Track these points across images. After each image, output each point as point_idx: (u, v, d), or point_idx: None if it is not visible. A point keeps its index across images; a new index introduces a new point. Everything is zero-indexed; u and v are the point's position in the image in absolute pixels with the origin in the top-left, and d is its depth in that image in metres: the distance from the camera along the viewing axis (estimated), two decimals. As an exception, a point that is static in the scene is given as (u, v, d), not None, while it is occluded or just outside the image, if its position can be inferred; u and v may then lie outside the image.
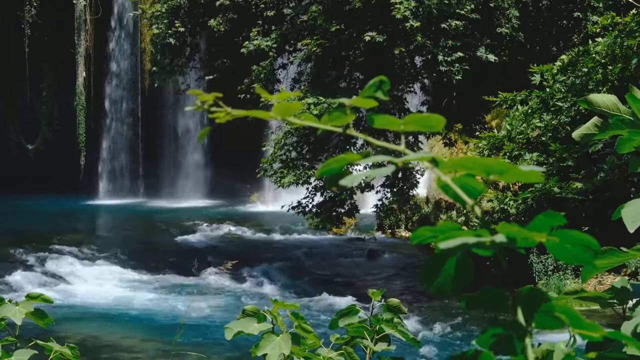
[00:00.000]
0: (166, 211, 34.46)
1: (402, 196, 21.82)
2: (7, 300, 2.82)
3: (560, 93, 17.36)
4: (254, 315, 2.62)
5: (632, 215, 1.61)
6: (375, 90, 1.10)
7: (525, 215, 17.07)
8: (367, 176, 1.07)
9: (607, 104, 1.83)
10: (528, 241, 0.99)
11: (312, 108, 19.24)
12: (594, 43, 17.20)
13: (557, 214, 1.00)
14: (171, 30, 23.03)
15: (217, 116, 1.12)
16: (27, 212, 32.09)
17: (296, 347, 2.57)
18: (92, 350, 14.93)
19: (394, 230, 28.21)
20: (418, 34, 19.57)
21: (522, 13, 20.78)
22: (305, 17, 21.28)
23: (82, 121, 37.98)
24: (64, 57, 38.07)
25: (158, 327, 16.65)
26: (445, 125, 1.10)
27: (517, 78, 20.02)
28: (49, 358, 2.77)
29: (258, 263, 22.83)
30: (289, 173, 20.45)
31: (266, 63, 21.62)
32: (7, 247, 23.53)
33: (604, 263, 1.62)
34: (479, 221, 1.01)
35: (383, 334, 2.71)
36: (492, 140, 17.77)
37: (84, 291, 20.20)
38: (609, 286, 1.71)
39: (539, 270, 17.95)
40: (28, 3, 37.64)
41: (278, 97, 1.17)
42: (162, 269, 22.36)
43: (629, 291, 1.66)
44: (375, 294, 2.74)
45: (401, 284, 21.18)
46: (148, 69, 33.60)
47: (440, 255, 0.99)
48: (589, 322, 1.03)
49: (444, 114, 2.80)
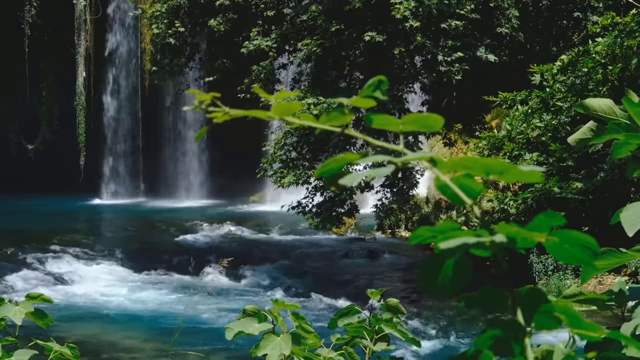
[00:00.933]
0: (166, 211, 34.47)
1: (402, 196, 21.82)
2: (7, 300, 2.82)
3: (560, 93, 17.35)
4: (254, 315, 2.62)
5: (630, 219, 1.60)
6: (374, 90, 1.10)
7: (525, 215, 17.06)
8: (367, 176, 1.07)
9: (603, 108, 1.83)
10: (528, 241, 0.99)
11: (312, 108, 19.24)
12: (594, 43, 17.19)
13: (556, 214, 1.00)
14: (171, 30, 23.03)
15: (215, 116, 1.11)
16: (27, 212, 32.09)
17: (296, 347, 2.57)
18: (92, 350, 14.93)
19: (394, 230, 28.21)
20: (418, 34, 19.57)
21: (522, 13, 20.77)
22: (305, 17, 21.28)
23: (82, 121, 37.98)
24: (64, 57, 38.07)
25: (158, 327, 16.65)
26: (445, 125, 1.10)
27: (517, 78, 20.02)
28: (48, 358, 2.77)
29: (258, 263, 22.83)
30: (289, 173, 20.45)
31: (266, 63, 21.62)
32: (7, 247, 23.54)
33: (603, 264, 1.62)
34: (479, 221, 1.01)
35: (382, 333, 2.71)
36: (492, 140, 17.77)
37: (84, 291, 20.20)
38: (609, 286, 1.71)
39: (538, 270, 17.94)
40: (28, 3, 37.64)
41: (277, 97, 1.16)
42: (162, 269, 22.37)
43: (626, 294, 1.66)
44: (374, 293, 2.74)
45: (401, 284, 21.17)
46: (148, 69, 33.61)
47: (439, 255, 0.99)
48: (589, 322, 1.03)
49: (444, 113, 2.80)
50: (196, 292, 19.79)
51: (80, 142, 38.14)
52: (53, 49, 38.48)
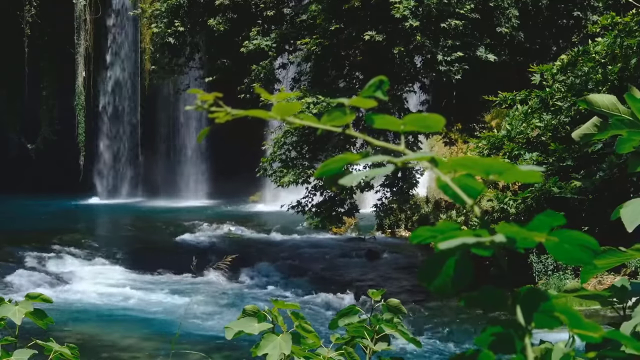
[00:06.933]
0: (166, 211, 34.46)
1: (401, 196, 21.83)
2: (7, 300, 2.82)
3: (559, 93, 17.36)
4: (254, 315, 2.62)
5: (630, 215, 1.61)
6: (374, 90, 1.10)
7: (524, 214, 17.06)
8: (367, 176, 1.07)
9: (607, 104, 1.83)
10: (527, 241, 0.99)
11: (312, 107, 19.25)
12: (593, 43, 17.20)
13: (556, 213, 1.00)
14: (171, 30, 23.04)
15: (217, 116, 1.12)
16: (27, 212, 32.08)
17: (296, 346, 2.57)
18: (92, 350, 14.93)
19: (394, 230, 28.21)
20: (417, 34, 19.58)
21: (521, 12, 20.78)
22: (305, 17, 21.29)
23: (81, 121, 37.99)
24: (64, 57, 38.07)
25: (158, 327, 16.65)
26: (445, 124, 1.10)
27: (516, 78, 20.02)
28: (48, 358, 2.77)
29: (258, 263, 22.83)
30: (289, 172, 20.45)
31: (266, 62, 21.62)
32: (7, 247, 23.53)
33: (603, 263, 1.62)
34: (479, 221, 1.01)
35: (383, 333, 2.71)
36: (492, 140, 17.77)
37: (84, 291, 20.19)
38: (609, 285, 1.71)
39: (538, 270, 17.94)
40: (28, 3, 37.63)
41: (277, 97, 1.17)
42: (162, 269, 22.35)
43: (628, 290, 1.66)
44: (375, 293, 2.74)
45: (401, 284, 21.16)
46: (148, 68, 33.62)
47: (440, 254, 0.99)
48: (588, 322, 1.03)
49: (444, 113, 2.80)
50: (196, 292, 19.79)
51: (79, 142, 38.14)
52: (53, 49, 38.47)
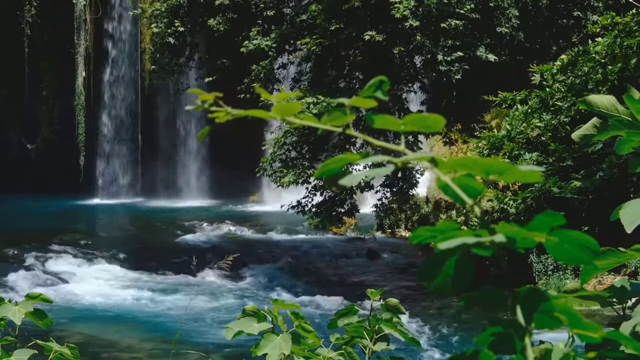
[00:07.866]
0: (166, 211, 34.45)
1: (401, 196, 21.83)
2: (7, 300, 2.82)
3: (559, 93, 17.36)
4: (254, 315, 2.62)
5: (630, 215, 1.61)
6: (374, 90, 1.10)
7: (524, 214, 17.07)
8: (367, 176, 1.07)
9: (606, 105, 1.84)
10: (527, 241, 0.99)
11: (312, 107, 19.24)
12: (593, 43, 17.20)
13: (556, 213, 1.00)
14: (171, 30, 23.04)
15: (217, 116, 1.12)
16: (27, 212, 32.07)
17: (296, 346, 2.57)
18: (92, 350, 14.93)
19: (394, 230, 28.20)
20: (417, 34, 19.57)
21: (521, 12, 20.77)
22: (305, 17, 21.29)
23: (81, 121, 37.97)
24: (64, 57, 38.06)
25: (158, 327, 16.65)
26: (445, 124, 1.09)
27: (516, 78, 20.02)
28: (48, 358, 2.77)
29: (258, 263, 22.82)
30: (289, 172, 20.45)
31: (266, 63, 21.62)
32: (7, 247, 23.52)
33: (603, 263, 1.62)
34: (479, 221, 1.01)
35: (382, 333, 2.71)
36: (492, 140, 17.77)
37: (84, 291, 20.19)
38: (609, 286, 1.71)
39: (538, 270, 17.94)
40: (28, 3, 37.62)
41: (277, 97, 1.17)
42: (162, 269, 22.35)
43: (628, 290, 1.66)
44: (374, 293, 2.74)
45: (401, 284, 21.16)
46: (148, 68, 33.62)
47: (440, 254, 0.99)
48: (588, 322, 1.03)
49: (444, 113, 2.80)
50: (196, 292, 19.78)
51: (80, 142, 38.13)
52: (53, 49, 38.46)
